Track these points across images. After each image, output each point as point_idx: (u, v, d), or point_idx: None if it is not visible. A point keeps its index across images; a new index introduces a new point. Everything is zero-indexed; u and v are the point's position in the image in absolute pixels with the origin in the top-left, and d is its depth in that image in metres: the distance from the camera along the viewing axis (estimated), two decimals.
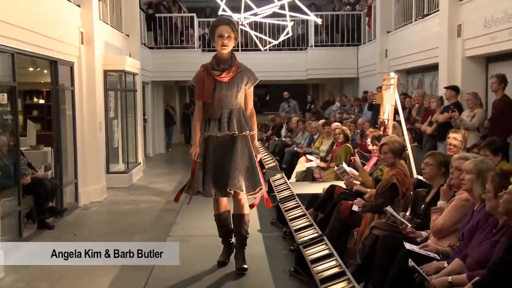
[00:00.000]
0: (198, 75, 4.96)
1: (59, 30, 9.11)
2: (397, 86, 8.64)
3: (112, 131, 12.20)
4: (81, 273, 6.47)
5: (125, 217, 9.33)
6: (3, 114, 7.52)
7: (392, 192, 5.60)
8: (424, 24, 11.90)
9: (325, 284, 4.13)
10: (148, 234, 8.12)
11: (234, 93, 4.92)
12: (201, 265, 5.33)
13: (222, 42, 4.84)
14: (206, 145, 4.99)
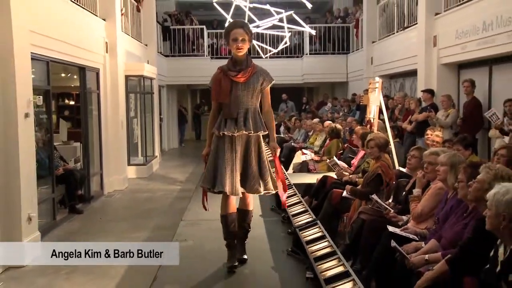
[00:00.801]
0: (215, 77, 4.48)
1: (87, 41, 9.13)
2: (381, 89, 8.63)
3: (132, 128, 12.21)
4: None
5: (144, 204, 9.37)
6: (39, 114, 7.54)
7: (377, 182, 5.59)
8: (405, 35, 11.87)
9: (319, 262, 4.11)
10: (164, 218, 8.17)
11: (250, 93, 4.42)
12: (210, 245, 5.31)
13: (236, 46, 4.36)
14: (220, 143, 4.41)
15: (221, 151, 4.39)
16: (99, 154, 10.02)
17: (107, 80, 10.22)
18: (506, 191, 2.88)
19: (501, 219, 2.84)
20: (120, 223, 8.03)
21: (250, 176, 4.39)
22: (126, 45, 11.49)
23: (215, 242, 5.27)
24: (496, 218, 2.87)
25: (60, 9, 7.99)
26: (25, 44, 6.23)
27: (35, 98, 6.95)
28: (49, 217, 7.62)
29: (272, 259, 4.85)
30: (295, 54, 18.44)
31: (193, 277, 4.43)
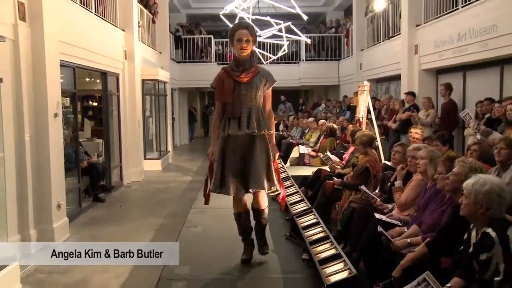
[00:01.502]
0: (218, 77, 4.09)
1: (108, 49, 9.16)
2: (369, 91, 8.65)
3: (147, 126, 12.22)
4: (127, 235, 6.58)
5: (158, 193, 9.39)
6: (66, 114, 7.58)
7: (366, 174, 5.60)
8: (390, 44, 11.87)
9: (314, 246, 4.13)
10: (176, 206, 8.18)
11: (253, 93, 4.02)
12: (216, 231, 5.33)
13: (241, 46, 3.97)
14: (225, 144, 4.07)
15: (226, 152, 4.06)
16: (119, 149, 10.07)
17: (125, 84, 10.25)
18: (484, 182, 2.89)
19: (479, 207, 2.85)
20: (137, 210, 8.06)
21: (255, 173, 4.00)
22: (142, 52, 11.51)
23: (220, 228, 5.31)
24: (474, 205, 2.88)
25: (85, 21, 8.02)
26: (54, 52, 6.27)
27: (63, 100, 7.00)
28: (75, 205, 7.67)
29: (272, 243, 4.85)
30: (292, 60, 18.43)
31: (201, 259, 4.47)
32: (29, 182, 5.82)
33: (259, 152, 4.04)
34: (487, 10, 7.40)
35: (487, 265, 2.68)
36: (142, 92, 11.27)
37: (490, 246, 2.70)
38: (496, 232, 2.72)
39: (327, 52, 17.80)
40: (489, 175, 3.11)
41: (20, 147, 5.72)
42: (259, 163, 4.02)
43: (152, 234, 6.62)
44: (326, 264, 3.68)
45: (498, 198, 2.85)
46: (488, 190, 2.86)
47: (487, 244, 2.72)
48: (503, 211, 2.89)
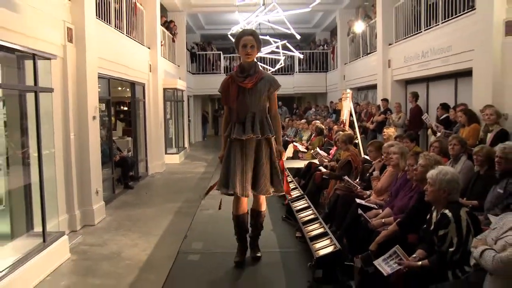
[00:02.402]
0: (224, 82, 3.59)
1: (136, 64, 9.16)
2: (351, 98, 8.68)
3: (168, 127, 12.22)
4: (152, 216, 6.63)
5: (177, 182, 9.36)
6: (102, 117, 7.58)
7: (348, 166, 5.58)
8: (368, 59, 11.87)
9: (305, 226, 4.07)
10: (191, 193, 8.12)
11: (257, 98, 3.48)
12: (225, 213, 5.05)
13: (246, 51, 3.45)
14: (232, 147, 3.51)
15: (232, 154, 3.49)
16: (145, 145, 10.05)
17: (150, 92, 10.24)
18: (446, 172, 2.90)
19: (442, 192, 2.86)
20: (160, 197, 8.05)
21: (261, 178, 3.47)
22: (164, 66, 11.51)
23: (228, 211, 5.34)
24: (438, 191, 2.87)
25: (118, 41, 8.04)
26: (94, 67, 6.30)
27: (100, 105, 6.99)
28: (110, 191, 7.69)
29: (271, 223, 4.83)
30: (288, 72, 18.38)
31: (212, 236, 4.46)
32: (73, 172, 5.86)
33: (264, 155, 3.50)
34: (445, 33, 7.44)
35: (444, 239, 2.70)
36: (164, 99, 11.27)
37: (447, 224, 2.73)
38: (452, 213, 2.75)
39: (317, 65, 17.77)
40: (447, 166, 3.15)
41: (67, 144, 5.77)
42: (264, 167, 3.48)
43: (172, 215, 6.63)
44: (315, 240, 3.66)
45: (457, 185, 2.87)
46: (449, 178, 2.87)
47: (445, 222, 2.74)
48: (458, 195, 2.93)
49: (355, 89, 13.52)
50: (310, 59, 17.77)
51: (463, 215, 2.72)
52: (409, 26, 9.07)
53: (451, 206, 2.81)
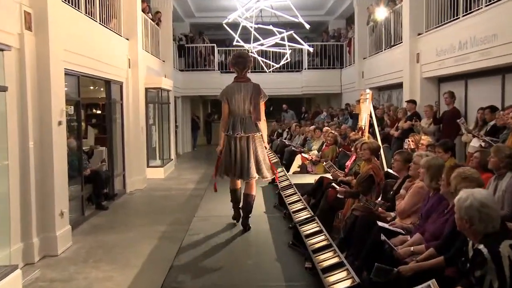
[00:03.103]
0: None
1: (112, 58, 9.18)
2: (371, 99, 8.65)
3: (151, 134, 12.24)
4: (130, 242, 6.58)
5: (161, 201, 9.35)
6: (70, 122, 7.58)
7: (370, 182, 5.59)
8: (391, 52, 11.88)
9: (316, 254, 4.08)
10: (178, 214, 8.14)
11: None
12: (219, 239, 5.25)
13: None
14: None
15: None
16: (122, 157, 10.06)
17: (129, 92, 10.27)
18: (466, 197, 2.84)
19: (464, 223, 2.82)
20: (140, 218, 8.03)
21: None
22: (146, 61, 11.53)
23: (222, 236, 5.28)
24: (460, 221, 2.84)
25: (90, 30, 8.04)
26: (59, 61, 6.28)
27: (67, 108, 6.96)
28: (78, 213, 7.65)
29: (274, 251, 4.84)
30: (295, 68, 18.46)
31: (203, 266, 4.42)
32: (32, 189, 5.80)
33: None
34: (487, 19, 7.40)
35: (481, 281, 2.62)
36: (146, 100, 11.29)
37: (482, 263, 2.63)
38: (488, 249, 2.64)
39: (329, 61, 17.83)
40: (477, 189, 3.04)
41: (24, 154, 5.71)
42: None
43: (155, 241, 6.60)
44: (329, 272, 3.63)
45: (479, 214, 2.77)
46: (468, 205, 2.80)
47: (480, 261, 2.65)
48: (490, 226, 2.78)
49: (376, 89, 13.51)
50: (321, 53, 17.83)
51: (505, 251, 2.61)
52: (443, 12, 9.06)
53: (487, 240, 2.71)
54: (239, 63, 5.49)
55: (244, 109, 5.42)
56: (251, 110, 5.39)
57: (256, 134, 5.41)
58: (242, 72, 5.51)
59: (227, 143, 5.45)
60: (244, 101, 5.41)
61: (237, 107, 5.42)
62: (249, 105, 5.41)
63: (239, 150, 5.38)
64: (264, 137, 5.58)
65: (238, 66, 5.50)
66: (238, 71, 5.52)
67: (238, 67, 5.50)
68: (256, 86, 5.50)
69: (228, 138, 5.44)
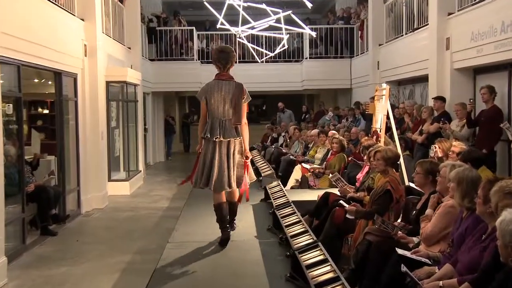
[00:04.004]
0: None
1: (64, 43, 9.12)
2: (388, 96, 8.63)
3: (113, 140, 12.20)
4: (86, 277, 6.51)
5: (126, 224, 9.33)
6: (8, 124, 7.50)
7: (386, 199, 5.59)
8: (414, 37, 11.90)
9: None
10: (148, 240, 8.13)
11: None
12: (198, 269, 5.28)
13: None
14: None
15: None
16: (76, 168, 9.98)
17: (85, 87, 10.21)
18: (510, 219, 2.87)
19: (509, 251, 2.82)
20: (100, 246, 7.95)
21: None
22: (107, 47, 11.48)
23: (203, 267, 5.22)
24: (504, 249, 2.86)
25: (34, 8, 7.97)
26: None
27: (4, 107, 6.94)
28: (18, 240, 7.53)
29: (268, 285, 4.84)
30: (293, 58, 18.49)
31: None
32: None
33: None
34: None
35: None
36: (107, 97, 11.26)
37: None
38: None
39: (337, 48, 17.90)
40: None
41: None
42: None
43: (117, 275, 6.54)
44: None
45: None
46: None
47: None
48: None
49: (395, 83, 13.53)
50: (326, 38, 17.88)
51: None
52: None
53: None
54: (221, 59, 6.06)
55: (223, 110, 5.95)
56: (231, 112, 5.94)
57: (236, 139, 5.99)
58: (225, 69, 6.09)
59: (205, 147, 6.01)
60: (225, 102, 5.96)
61: (216, 108, 5.96)
62: (229, 107, 5.95)
63: (217, 157, 5.88)
64: (245, 143, 6.11)
65: (220, 61, 6.08)
66: (220, 67, 6.11)
67: (221, 62, 6.07)
68: (239, 85, 6.04)
69: (206, 141, 6.01)
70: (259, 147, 15.83)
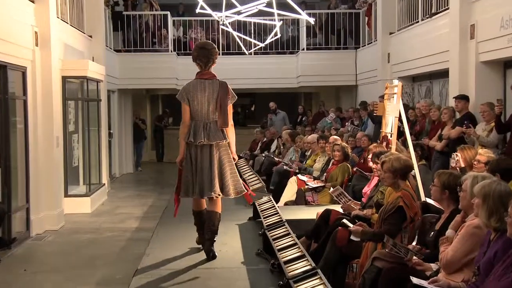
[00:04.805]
0: None
1: (9, 30, 9.04)
2: (401, 95, 8.64)
3: (71, 147, 12.15)
4: None
5: (86, 248, 9.25)
6: None
7: (399, 217, 5.58)
8: (432, 25, 11.97)
9: None
10: (113, 268, 8.08)
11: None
12: None
13: None
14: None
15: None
16: (25, 182, 9.91)
17: (37, 83, 10.15)
18: None
19: None
20: (54, 276, 7.90)
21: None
22: (63, 36, 11.46)
23: None
24: None
25: None
26: None
27: None
28: None
29: None
30: (288, 49, 18.53)
31: None
32: None
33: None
34: None
35: None
36: (63, 96, 11.24)
37: None
38: None
39: (339, 38, 18.00)
40: None
41: None
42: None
43: None
44: None
45: None
46: None
47: None
48: None
49: (409, 79, 13.65)
50: (327, 26, 17.94)
51: None
52: None
53: None
54: (202, 56, 6.64)
55: (208, 112, 6.56)
56: (217, 113, 6.53)
57: (222, 142, 6.55)
58: (206, 67, 6.68)
59: (188, 152, 6.57)
60: (209, 103, 6.56)
61: (200, 110, 6.56)
62: (214, 108, 6.55)
63: (199, 161, 6.48)
64: (231, 146, 6.71)
65: (200, 59, 6.66)
66: (201, 65, 6.69)
67: (201, 60, 6.65)
68: (223, 84, 6.63)
69: (188, 146, 6.57)
70: (246, 155, 15.83)
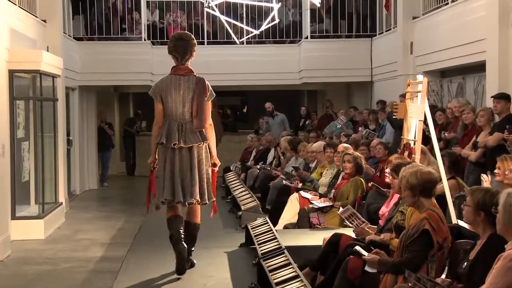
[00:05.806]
0: None
1: None
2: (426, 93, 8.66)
3: (20, 157, 12.13)
4: None
5: (39, 283, 9.18)
6: None
7: (424, 243, 5.57)
8: (465, 7, 11.99)
9: None
10: None
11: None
12: None
13: None
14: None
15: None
16: None
17: None
18: None
19: None
20: None
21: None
22: (10, 20, 11.42)
23: None
24: None
25: None
26: None
27: None
28: None
29: None
30: (288, 37, 18.56)
31: None
32: None
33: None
34: None
35: None
36: (10, 94, 11.23)
37: None
38: None
39: (351, 23, 18.03)
40: None
41: None
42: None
43: None
44: None
45: None
46: None
47: None
48: None
49: (436, 74, 13.71)
50: (336, 9, 17.98)
51: None
52: None
53: None
54: (178, 48, 7.20)
55: (183, 111, 7.15)
56: (193, 113, 7.06)
57: (200, 144, 7.16)
58: (183, 60, 7.23)
59: (161, 155, 7.19)
60: (184, 101, 7.14)
61: (174, 109, 7.15)
62: (190, 107, 7.12)
63: (178, 164, 7.08)
64: (211, 148, 7.40)
65: (176, 51, 7.22)
66: (177, 58, 7.27)
67: (177, 52, 7.22)
68: (200, 80, 7.19)
69: (162, 148, 7.18)
70: (237, 168, 15.83)
